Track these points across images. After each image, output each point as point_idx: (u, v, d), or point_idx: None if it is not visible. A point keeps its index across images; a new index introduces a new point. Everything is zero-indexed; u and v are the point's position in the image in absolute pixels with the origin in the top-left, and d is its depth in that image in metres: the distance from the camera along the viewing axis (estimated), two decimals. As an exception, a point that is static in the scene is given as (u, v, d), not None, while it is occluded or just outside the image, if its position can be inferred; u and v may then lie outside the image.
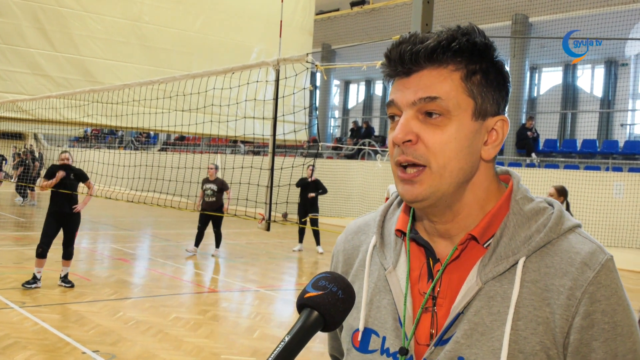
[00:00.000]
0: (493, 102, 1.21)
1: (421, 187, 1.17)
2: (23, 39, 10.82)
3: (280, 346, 1.01)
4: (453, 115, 1.16)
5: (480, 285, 1.17)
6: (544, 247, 1.18)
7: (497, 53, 1.22)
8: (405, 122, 1.17)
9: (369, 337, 1.28)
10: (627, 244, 14.40)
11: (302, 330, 1.04)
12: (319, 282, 1.09)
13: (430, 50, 1.16)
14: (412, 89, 1.18)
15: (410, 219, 1.32)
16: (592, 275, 1.13)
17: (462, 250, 1.22)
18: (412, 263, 1.28)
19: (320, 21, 22.55)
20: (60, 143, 27.23)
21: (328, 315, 1.06)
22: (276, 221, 6.60)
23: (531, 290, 1.15)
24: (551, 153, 19.50)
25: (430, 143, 1.16)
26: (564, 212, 1.22)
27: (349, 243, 1.44)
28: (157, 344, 6.74)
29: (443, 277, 1.23)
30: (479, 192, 1.23)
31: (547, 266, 1.16)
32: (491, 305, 1.16)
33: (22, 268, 10.24)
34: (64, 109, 10.65)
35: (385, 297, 1.29)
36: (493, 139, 1.22)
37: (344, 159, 22.11)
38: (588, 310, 1.11)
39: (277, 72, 6.22)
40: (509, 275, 1.17)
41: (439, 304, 1.22)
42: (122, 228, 17.19)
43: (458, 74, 1.18)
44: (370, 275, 1.34)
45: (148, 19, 11.50)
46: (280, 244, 15.65)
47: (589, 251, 1.16)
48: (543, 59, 22.22)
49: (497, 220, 1.22)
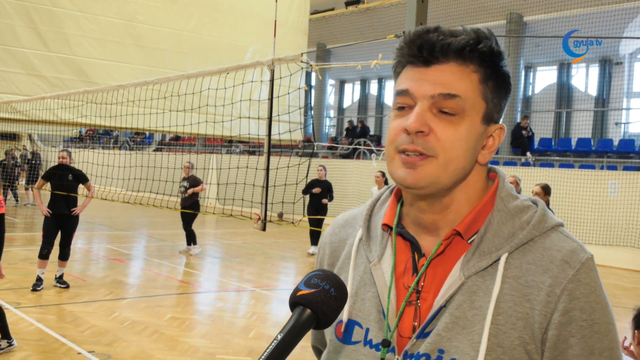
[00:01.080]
0: (499, 109, 1.25)
1: (422, 173, 1.18)
2: (17, 39, 10.78)
3: (273, 344, 1.02)
4: (467, 115, 1.18)
5: (463, 279, 1.19)
6: (526, 244, 1.20)
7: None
8: (421, 112, 1.17)
9: (353, 328, 1.30)
10: (622, 243, 14.43)
11: (295, 328, 1.04)
12: (311, 280, 1.09)
13: (461, 46, 1.17)
14: (431, 81, 1.18)
15: (397, 213, 1.33)
16: (572, 273, 1.15)
17: (446, 245, 1.24)
18: (397, 257, 1.30)
19: (315, 21, 22.52)
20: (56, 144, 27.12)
21: (321, 313, 1.06)
22: (272, 221, 6.60)
23: (512, 286, 1.17)
24: (546, 152, 19.54)
25: (442, 137, 1.17)
26: (547, 211, 1.24)
27: (335, 236, 1.45)
28: (153, 344, 6.73)
29: (427, 271, 1.25)
30: (469, 192, 1.25)
31: (528, 263, 1.18)
32: (473, 299, 1.18)
33: (17, 269, 10.21)
34: (58, 110, 10.61)
35: (370, 289, 1.30)
36: (490, 144, 1.26)
37: (339, 159, 22.10)
38: (567, 307, 1.13)
39: (272, 72, 6.22)
40: (492, 270, 1.19)
41: (422, 298, 1.24)
42: (117, 228, 17.16)
43: (477, 76, 1.20)
44: (356, 268, 1.35)
45: (142, 19, 11.47)
46: (276, 243, 15.65)
47: (570, 249, 1.18)
48: (538, 58, 22.25)
49: (482, 216, 1.24)
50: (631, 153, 17.96)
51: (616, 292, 11.52)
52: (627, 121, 20.74)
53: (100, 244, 14.50)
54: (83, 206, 9.09)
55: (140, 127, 10.52)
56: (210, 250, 14.56)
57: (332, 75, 28.93)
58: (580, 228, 14.80)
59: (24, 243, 13.39)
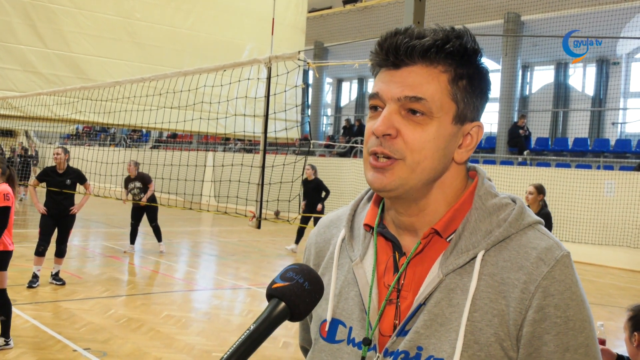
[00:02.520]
0: (473, 108, 1.24)
1: (391, 177, 1.19)
2: (13, 36, 10.76)
3: (246, 334, 1.04)
4: (435, 116, 1.19)
5: (441, 277, 1.20)
6: (502, 242, 1.20)
7: (484, 59, 1.25)
8: (388, 116, 1.19)
9: (337, 327, 1.31)
10: (618, 242, 14.46)
11: (268, 319, 1.07)
12: (287, 273, 1.12)
13: (425, 48, 1.18)
14: (399, 83, 1.19)
15: (379, 213, 1.34)
16: (546, 270, 1.15)
17: (425, 244, 1.25)
18: (379, 256, 1.31)
19: (312, 19, 22.51)
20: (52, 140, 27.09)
21: (294, 306, 1.08)
22: (267, 219, 6.59)
23: (488, 283, 1.17)
24: (543, 151, 19.56)
25: (409, 139, 1.18)
26: (526, 209, 1.24)
27: (320, 236, 1.47)
28: (149, 341, 6.73)
29: (407, 270, 1.26)
30: (447, 191, 1.26)
31: (504, 260, 1.19)
32: (451, 297, 1.19)
33: (13, 265, 10.18)
34: (54, 106, 10.60)
35: (353, 289, 1.32)
36: (467, 143, 1.25)
37: (336, 157, 22.10)
38: (541, 304, 1.14)
39: (269, 70, 6.21)
40: (469, 268, 1.20)
41: (402, 296, 1.25)
42: (113, 225, 17.14)
43: (446, 77, 1.20)
44: (340, 267, 1.36)
45: (139, 16, 11.45)
46: (272, 241, 15.65)
47: (545, 247, 1.18)
48: (535, 58, 22.27)
49: (460, 215, 1.25)
50: (628, 153, 17.99)
51: (612, 292, 11.54)
52: (624, 121, 20.77)
53: (97, 241, 14.48)
54: (80, 205, 9.07)
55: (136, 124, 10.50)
56: (206, 248, 14.56)
57: (330, 74, 28.91)
58: (577, 228, 14.82)
59: (20, 240, 13.36)
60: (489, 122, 22.13)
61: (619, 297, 11.05)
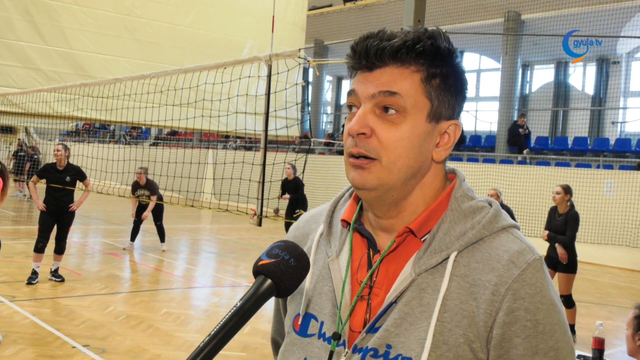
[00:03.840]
0: (449, 106, 1.25)
1: (370, 174, 1.21)
2: (13, 32, 10.73)
3: (232, 311, 1.06)
4: (409, 113, 1.20)
5: (413, 276, 1.21)
6: (475, 244, 1.21)
7: (459, 59, 1.26)
8: (362, 115, 1.21)
9: (309, 321, 1.32)
10: (618, 242, 14.47)
11: (255, 296, 1.09)
12: (272, 250, 1.14)
13: (395, 49, 1.19)
14: (373, 82, 1.21)
15: (357, 210, 1.36)
16: (517, 272, 1.16)
17: (400, 242, 1.26)
18: (354, 253, 1.33)
19: (312, 17, 22.47)
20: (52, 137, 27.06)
21: (279, 282, 1.10)
22: (267, 217, 6.60)
23: (459, 284, 1.18)
24: (542, 150, 19.55)
25: (383, 138, 1.20)
26: (501, 212, 1.25)
27: (299, 230, 1.48)
28: (148, 338, 6.73)
29: (381, 267, 1.27)
30: (426, 191, 1.27)
31: (476, 262, 1.19)
32: (422, 296, 1.20)
33: (12, 262, 10.20)
34: (55, 103, 10.58)
35: (327, 284, 1.33)
36: (445, 141, 1.26)
37: (335, 155, 22.10)
38: (511, 307, 1.14)
39: (269, 68, 6.21)
40: (441, 268, 1.20)
41: (374, 293, 1.26)
42: (113, 222, 17.14)
43: (419, 75, 1.21)
44: (317, 262, 1.37)
45: (140, 13, 11.43)
46: (271, 239, 15.65)
47: (517, 250, 1.19)
48: (535, 57, 22.26)
49: (436, 216, 1.26)
50: (627, 152, 17.99)
51: (611, 292, 11.55)
52: (624, 120, 20.77)
53: (96, 238, 14.49)
54: (80, 202, 9.07)
55: (136, 121, 10.50)
56: (206, 246, 14.57)
57: (330, 72, 28.90)
58: (576, 227, 14.82)
59: (20, 236, 13.36)
60: (488, 121, 22.14)
61: (618, 296, 11.06)
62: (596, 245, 14.46)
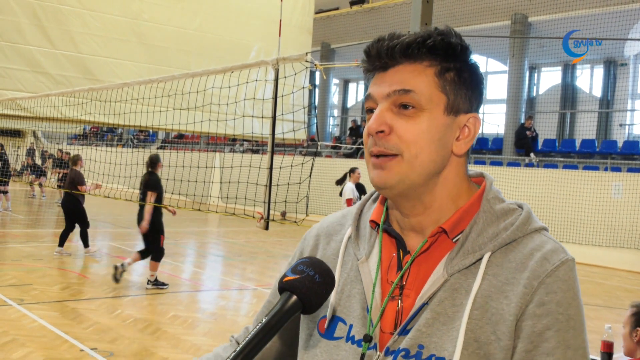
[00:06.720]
0: (465, 99, 1.26)
1: (390, 172, 1.21)
2: (22, 36, 10.79)
3: (258, 327, 1.05)
4: (425, 108, 1.21)
5: (446, 277, 1.21)
6: (509, 245, 1.22)
7: (472, 56, 1.28)
8: (379, 114, 1.22)
9: (336, 324, 1.32)
10: (626, 244, 14.41)
11: (280, 312, 1.07)
12: (298, 266, 1.13)
13: (405, 45, 1.21)
14: (388, 82, 1.23)
15: (384, 211, 1.36)
16: (550, 268, 1.16)
17: (432, 243, 1.26)
18: (383, 254, 1.32)
19: (319, 20, 22.51)
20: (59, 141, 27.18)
21: (305, 299, 1.09)
22: (275, 220, 6.60)
23: (491, 282, 1.18)
24: (550, 153, 19.51)
25: (403, 133, 1.20)
26: (532, 215, 1.26)
27: (323, 230, 1.48)
28: (155, 341, 6.74)
29: (412, 268, 1.27)
30: (450, 186, 1.27)
31: (509, 261, 1.20)
32: (455, 297, 1.20)
33: (20, 265, 10.24)
34: (63, 107, 10.62)
35: (356, 286, 1.32)
36: (465, 134, 1.27)
37: (342, 158, 22.10)
38: (543, 299, 1.14)
39: (276, 71, 6.22)
40: (474, 269, 1.21)
41: (405, 294, 1.26)
42: (120, 226, 17.18)
43: (432, 70, 1.23)
44: (344, 265, 1.37)
45: (147, 17, 11.47)
46: (278, 242, 15.66)
47: (550, 249, 1.20)
48: (542, 59, 22.21)
49: (468, 217, 1.26)
50: (635, 154, 17.92)
51: (620, 294, 11.50)
52: (632, 123, 20.70)
53: (103, 241, 14.52)
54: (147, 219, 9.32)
55: (144, 125, 10.53)
56: (213, 249, 14.59)
57: (336, 75, 28.93)
58: (584, 229, 14.78)
59: (28, 240, 13.41)
60: (496, 124, 22.08)
61: (627, 299, 11.00)
62: (604, 247, 14.41)
